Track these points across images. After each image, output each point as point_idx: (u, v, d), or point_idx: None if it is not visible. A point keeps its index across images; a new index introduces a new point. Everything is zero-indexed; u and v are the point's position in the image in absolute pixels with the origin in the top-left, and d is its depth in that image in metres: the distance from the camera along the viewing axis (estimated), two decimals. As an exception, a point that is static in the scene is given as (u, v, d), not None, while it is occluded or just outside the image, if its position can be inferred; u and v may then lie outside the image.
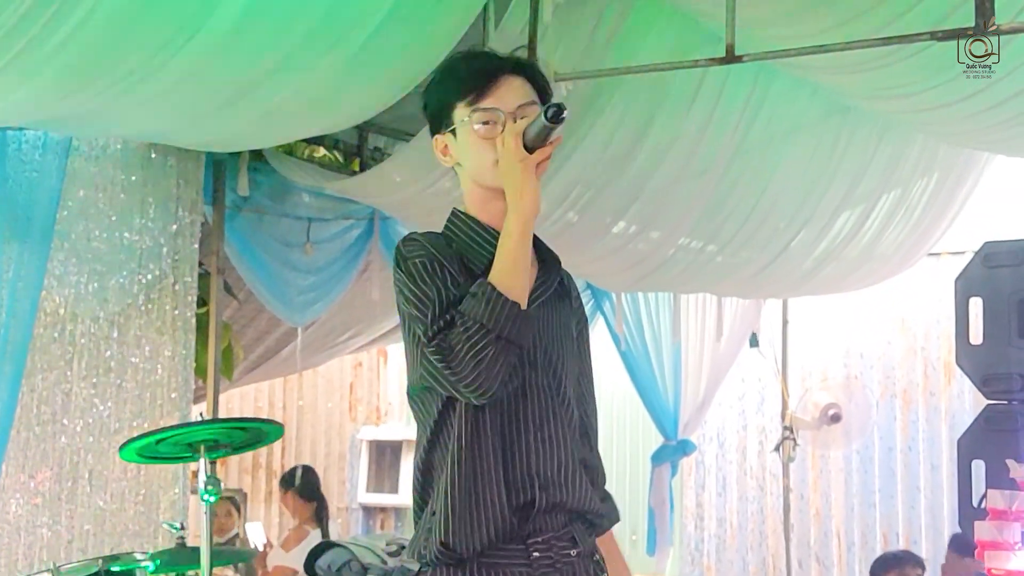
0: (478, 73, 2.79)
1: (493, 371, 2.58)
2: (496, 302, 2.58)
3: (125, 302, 5.85)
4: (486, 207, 2.79)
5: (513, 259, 2.64)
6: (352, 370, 11.69)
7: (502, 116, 2.75)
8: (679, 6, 5.55)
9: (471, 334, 2.56)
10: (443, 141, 2.83)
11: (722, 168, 6.67)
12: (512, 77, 2.80)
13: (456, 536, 2.65)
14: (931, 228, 8.14)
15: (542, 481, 2.71)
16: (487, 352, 2.56)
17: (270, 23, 4.30)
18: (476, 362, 2.56)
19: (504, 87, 2.77)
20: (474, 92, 2.76)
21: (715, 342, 9.09)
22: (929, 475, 9.80)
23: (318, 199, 7.17)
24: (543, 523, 2.72)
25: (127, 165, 5.84)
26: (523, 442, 2.71)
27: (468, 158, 2.78)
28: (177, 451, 4.43)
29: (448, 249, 2.75)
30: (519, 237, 2.65)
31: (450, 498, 2.66)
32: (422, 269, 2.68)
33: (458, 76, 2.81)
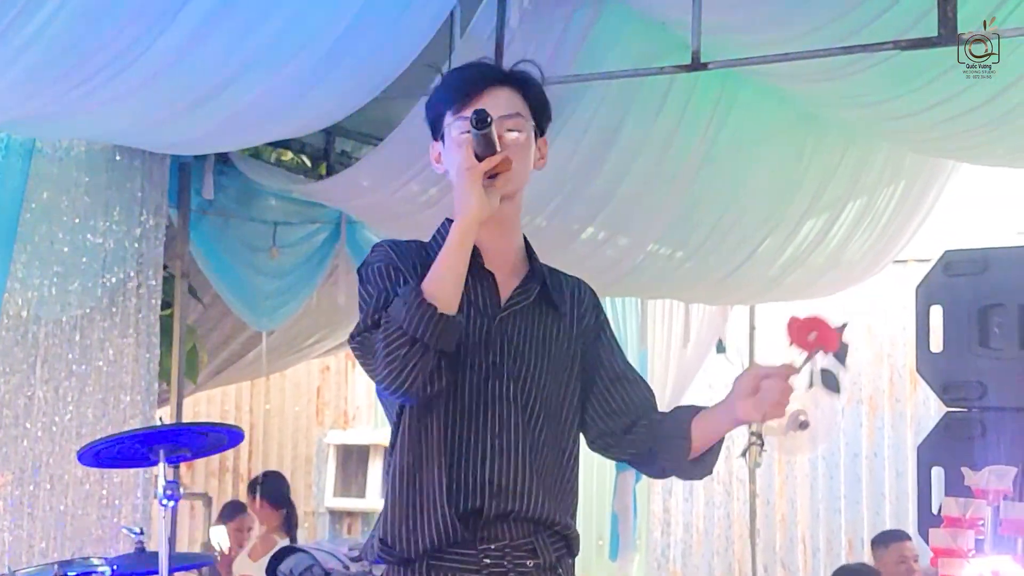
0: (466, 82, 2.79)
1: (405, 372, 2.57)
2: (415, 306, 2.57)
3: (88, 305, 5.82)
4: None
5: (445, 266, 2.63)
6: (320, 374, 11.65)
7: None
8: (647, 13, 5.57)
9: (388, 334, 2.58)
10: (437, 148, 2.84)
11: (690, 175, 6.68)
12: (500, 88, 2.78)
13: (394, 535, 2.68)
14: (897, 235, 8.18)
15: (493, 489, 2.70)
16: (399, 353, 2.56)
17: (236, 26, 4.29)
18: (388, 361, 2.57)
19: (488, 97, 2.75)
20: (460, 101, 2.76)
21: (682, 348, 9.10)
22: (894, 481, 9.83)
23: (284, 203, 7.15)
24: (499, 531, 2.71)
25: (91, 167, 5.81)
26: (478, 449, 2.70)
27: (451, 165, 2.77)
28: (137, 455, 4.41)
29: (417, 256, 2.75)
30: (455, 245, 2.63)
31: (393, 496, 2.69)
32: (375, 272, 2.73)
33: (449, 85, 2.82)
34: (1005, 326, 4.59)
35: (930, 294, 4.79)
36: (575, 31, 5.43)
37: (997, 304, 4.65)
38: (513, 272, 2.83)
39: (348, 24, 4.53)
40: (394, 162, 5.93)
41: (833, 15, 4.87)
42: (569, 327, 2.89)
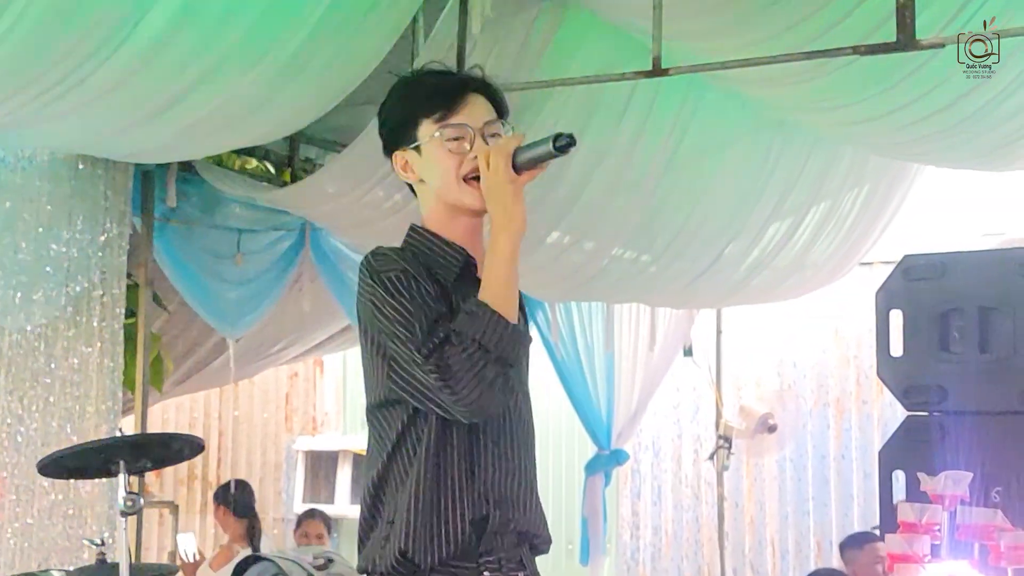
0: (446, 89, 2.80)
1: (492, 391, 2.59)
2: (496, 323, 2.59)
3: (52, 314, 5.79)
4: (449, 224, 2.80)
5: (506, 279, 2.65)
6: (288, 380, 11.63)
7: (471, 132, 2.76)
8: (609, 20, 5.58)
9: (471, 353, 2.56)
10: (404, 158, 2.82)
11: (655, 179, 6.70)
12: (476, 95, 2.81)
13: (415, 546, 2.65)
14: (862, 238, 8.22)
15: (497, 498, 2.72)
16: (487, 373, 2.57)
17: (198, 33, 4.28)
18: (477, 382, 2.57)
19: (471, 104, 2.79)
20: (442, 108, 2.76)
21: (648, 352, 9.12)
22: (862, 483, 9.86)
23: (248, 210, 7.13)
24: (496, 543, 2.73)
25: (54, 176, 5.78)
26: (483, 458, 2.72)
27: (435, 175, 2.78)
28: (97, 467, 4.40)
29: (416, 263, 2.73)
30: (510, 257, 2.66)
31: (413, 510, 2.66)
32: (399, 284, 2.66)
33: (424, 92, 2.81)
34: (964, 330, 4.63)
35: (890, 299, 4.82)
36: (537, 38, 5.45)
37: (956, 308, 4.69)
38: None
39: (310, 31, 4.53)
40: (358, 168, 5.93)
41: (793, 21, 4.89)
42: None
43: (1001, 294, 4.64)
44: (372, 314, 2.68)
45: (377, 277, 2.68)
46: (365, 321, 2.72)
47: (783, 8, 4.86)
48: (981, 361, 4.61)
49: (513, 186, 2.66)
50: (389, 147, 2.86)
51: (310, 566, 4.72)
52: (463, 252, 2.77)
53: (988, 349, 4.64)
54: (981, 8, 4.77)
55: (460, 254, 2.77)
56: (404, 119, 2.81)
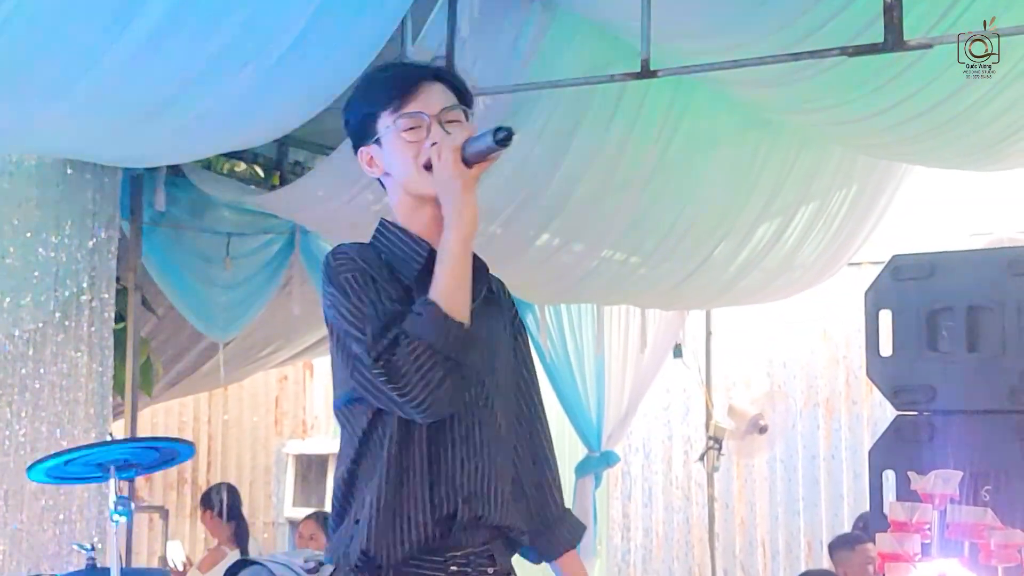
0: (400, 80, 2.78)
1: (441, 392, 2.57)
2: (443, 323, 2.57)
3: (41, 319, 5.79)
4: (415, 215, 2.77)
5: (455, 277, 2.62)
6: (277, 384, 11.62)
7: (427, 120, 2.73)
8: (597, 22, 5.59)
9: (418, 355, 2.54)
10: (368, 153, 2.80)
11: (644, 181, 6.71)
12: (433, 83, 2.79)
13: (377, 545, 2.63)
14: (850, 239, 8.23)
15: (465, 494, 2.70)
16: (435, 374, 2.55)
17: (185, 37, 4.27)
18: (425, 383, 2.55)
19: (426, 92, 2.77)
20: (397, 99, 2.75)
21: (639, 353, 9.12)
22: (852, 483, 9.88)
23: (238, 214, 7.13)
24: (464, 538, 2.71)
25: (42, 181, 5.78)
26: (448, 455, 2.70)
27: (396, 166, 2.76)
28: (87, 471, 4.39)
29: (378, 261, 2.72)
30: (460, 254, 2.63)
31: (375, 508, 2.64)
32: (355, 283, 2.65)
33: (380, 86, 2.80)
34: (953, 329, 4.64)
35: (879, 298, 4.83)
36: (526, 40, 5.45)
37: (945, 308, 4.70)
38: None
39: (298, 34, 4.52)
40: (347, 171, 5.92)
41: (781, 22, 4.90)
42: (508, 324, 2.92)
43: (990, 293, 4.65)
44: (333, 315, 2.67)
45: (336, 278, 2.67)
46: (328, 320, 2.72)
47: (771, 9, 4.86)
48: (970, 360, 4.62)
49: (463, 180, 2.64)
50: (356, 145, 2.85)
51: (301, 569, 4.71)
52: (426, 246, 2.74)
53: (977, 348, 4.65)
54: (969, 9, 4.79)
55: (423, 249, 2.74)
56: (364, 114, 2.80)
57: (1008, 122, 5.93)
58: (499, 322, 2.88)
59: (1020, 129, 6.03)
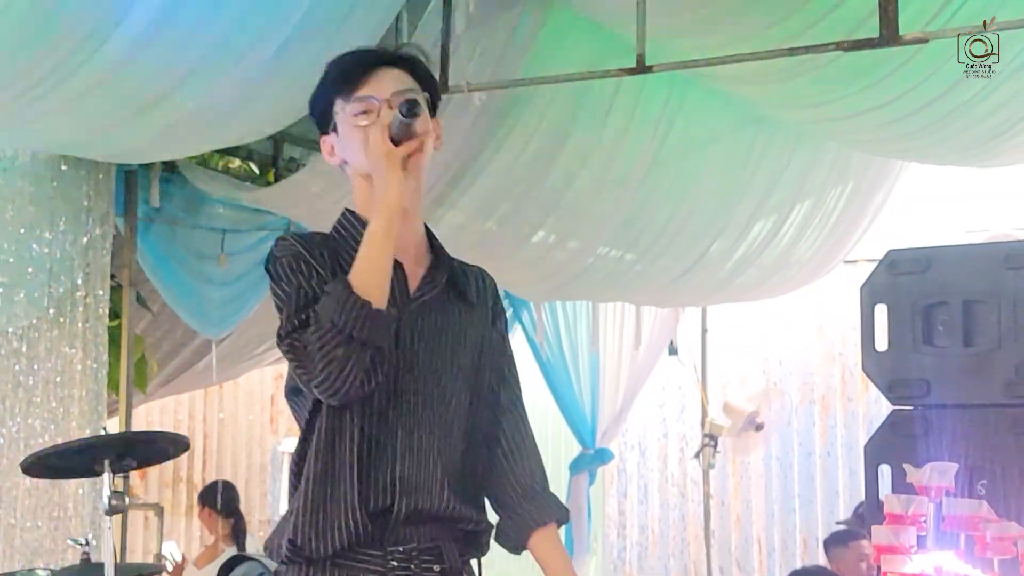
0: (354, 66, 2.71)
1: (344, 372, 2.50)
2: (347, 301, 2.50)
3: (35, 315, 5.78)
4: (370, 202, 2.67)
5: (371, 256, 2.56)
6: (273, 382, 11.58)
7: (377, 104, 2.65)
8: (593, 18, 5.59)
9: (322, 334, 2.49)
10: (329, 142, 2.74)
11: (639, 177, 6.71)
12: (388, 68, 2.71)
13: (304, 536, 2.58)
14: (846, 235, 8.23)
15: (404, 487, 2.62)
16: (336, 352, 2.49)
17: (179, 33, 4.27)
18: (326, 362, 2.49)
19: (379, 76, 2.69)
20: (351, 84, 2.68)
21: (634, 351, 9.13)
22: (848, 480, 9.89)
23: (232, 210, 7.12)
24: (407, 533, 2.64)
25: (36, 177, 5.77)
26: (390, 446, 2.63)
27: (349, 152, 2.70)
28: (82, 466, 4.38)
29: (323, 247, 2.66)
30: (381, 234, 2.57)
31: (304, 498, 2.60)
32: (286, 267, 2.61)
33: (336, 73, 2.72)
34: (949, 324, 4.62)
35: (874, 293, 4.81)
36: (521, 36, 5.45)
37: (941, 302, 4.68)
38: (418, 261, 2.75)
39: (292, 30, 4.52)
40: (342, 168, 5.91)
41: (776, 18, 4.90)
42: (481, 317, 2.84)
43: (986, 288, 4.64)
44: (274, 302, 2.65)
45: (272, 264, 2.64)
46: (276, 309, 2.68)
47: (766, 4, 4.87)
48: (966, 355, 4.60)
49: (388, 158, 2.58)
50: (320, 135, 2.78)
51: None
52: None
53: (973, 343, 4.64)
54: (964, 4, 4.79)
55: None
56: (323, 104, 2.74)
57: (1004, 118, 5.93)
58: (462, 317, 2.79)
59: (1016, 125, 6.03)
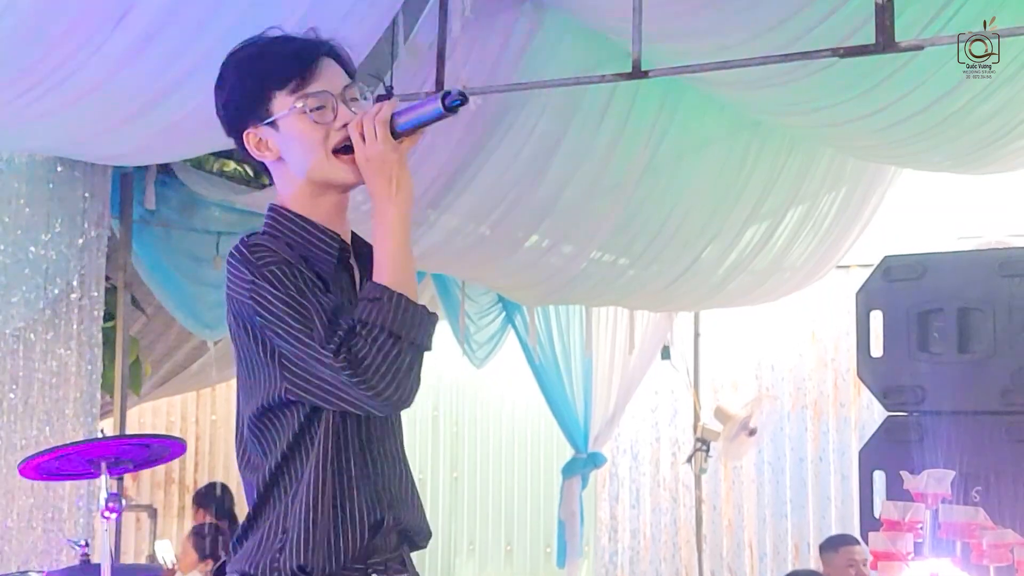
0: (295, 57, 2.55)
1: (409, 379, 2.40)
2: (402, 305, 2.40)
3: (30, 317, 5.77)
4: (317, 203, 2.56)
5: (402, 254, 2.46)
6: (266, 384, 11.58)
7: (333, 100, 2.52)
8: (588, 22, 5.59)
9: (381, 342, 2.36)
10: (257, 135, 2.57)
11: (633, 182, 6.72)
12: (328, 59, 2.58)
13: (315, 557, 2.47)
14: (839, 241, 8.25)
15: (389, 499, 2.58)
16: (402, 361, 2.38)
17: (176, 36, 4.27)
18: (394, 372, 2.37)
19: (326, 69, 2.56)
20: (297, 77, 2.53)
21: (627, 355, 9.13)
22: (840, 485, 9.89)
23: (227, 213, 7.11)
24: (382, 544, 2.58)
25: (32, 178, 5.75)
26: (375, 461, 2.57)
27: (297, 150, 2.55)
28: (78, 468, 4.38)
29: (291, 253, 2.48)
30: (402, 229, 2.47)
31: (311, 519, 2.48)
32: (284, 277, 2.42)
33: (273, 62, 2.56)
34: (944, 330, 4.65)
35: (870, 299, 4.84)
36: (517, 40, 5.45)
37: (936, 309, 4.71)
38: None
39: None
40: (337, 171, 5.91)
41: (773, 23, 4.91)
42: None
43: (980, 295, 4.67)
44: (256, 312, 2.42)
45: (257, 271, 2.42)
46: (244, 320, 2.48)
47: (762, 10, 4.87)
48: (960, 361, 4.64)
49: (397, 153, 2.46)
50: (236, 126, 2.59)
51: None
52: (337, 238, 2.55)
53: (967, 349, 4.67)
54: (960, 11, 4.81)
55: (335, 241, 2.55)
56: (253, 93, 2.56)
57: (998, 125, 5.96)
58: None
59: (1010, 132, 6.06)
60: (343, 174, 2.54)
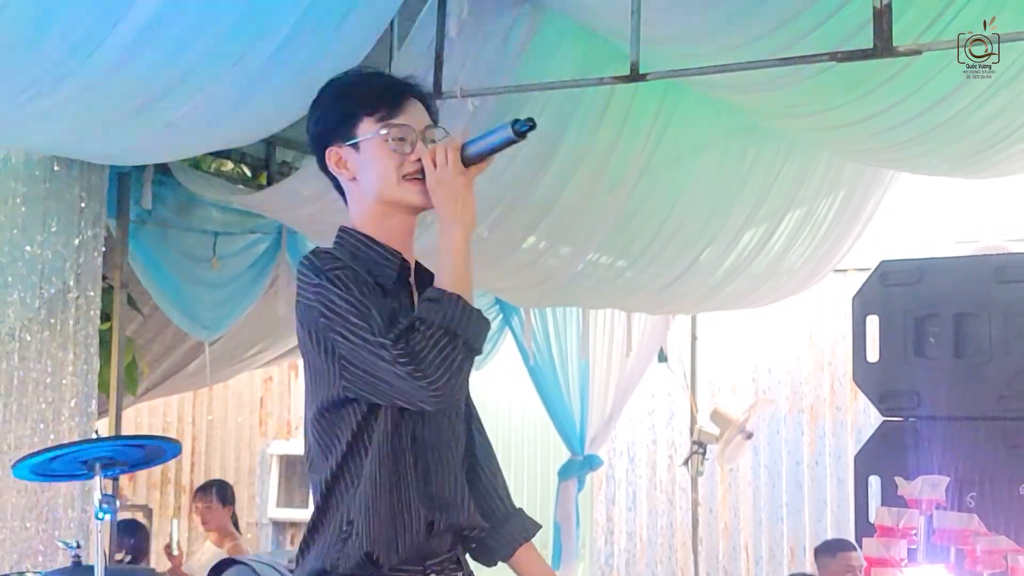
0: (387, 91, 2.82)
1: (459, 377, 2.59)
2: (461, 308, 2.60)
3: (26, 316, 5.76)
4: (384, 223, 2.79)
5: (463, 269, 2.67)
6: (262, 384, 11.59)
7: (414, 134, 2.78)
8: (586, 24, 5.59)
9: (437, 339, 2.56)
10: (339, 154, 2.81)
11: (631, 184, 6.71)
12: (415, 100, 2.84)
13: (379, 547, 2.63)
14: (837, 245, 8.24)
15: (440, 502, 2.72)
16: (456, 357, 2.57)
17: (174, 36, 4.26)
18: (447, 367, 2.56)
19: (412, 107, 2.82)
20: (384, 108, 2.78)
21: (623, 357, 9.12)
22: (836, 489, 9.89)
23: (224, 213, 7.11)
24: (439, 545, 2.74)
25: (29, 177, 5.74)
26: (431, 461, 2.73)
27: (372, 172, 2.78)
28: (72, 469, 4.38)
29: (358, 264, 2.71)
30: (465, 249, 2.68)
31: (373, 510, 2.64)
32: (348, 280, 2.64)
33: (366, 91, 2.82)
34: (940, 336, 4.65)
35: (866, 304, 4.84)
36: (515, 42, 5.44)
37: (932, 314, 4.71)
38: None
39: (287, 34, 4.52)
40: (335, 172, 5.90)
41: (771, 27, 4.90)
42: None
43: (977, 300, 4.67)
44: (320, 314, 2.63)
45: (324, 276, 2.65)
46: (309, 324, 2.68)
47: (760, 14, 4.87)
48: (956, 366, 4.64)
49: (465, 178, 2.70)
50: (322, 142, 2.84)
51: (285, 569, 4.71)
52: (399, 256, 2.78)
53: (963, 354, 4.67)
54: (958, 15, 4.80)
55: (396, 258, 2.77)
56: (344, 115, 2.81)
57: (996, 129, 5.95)
58: None
59: (1008, 137, 6.05)
60: (411, 196, 2.77)
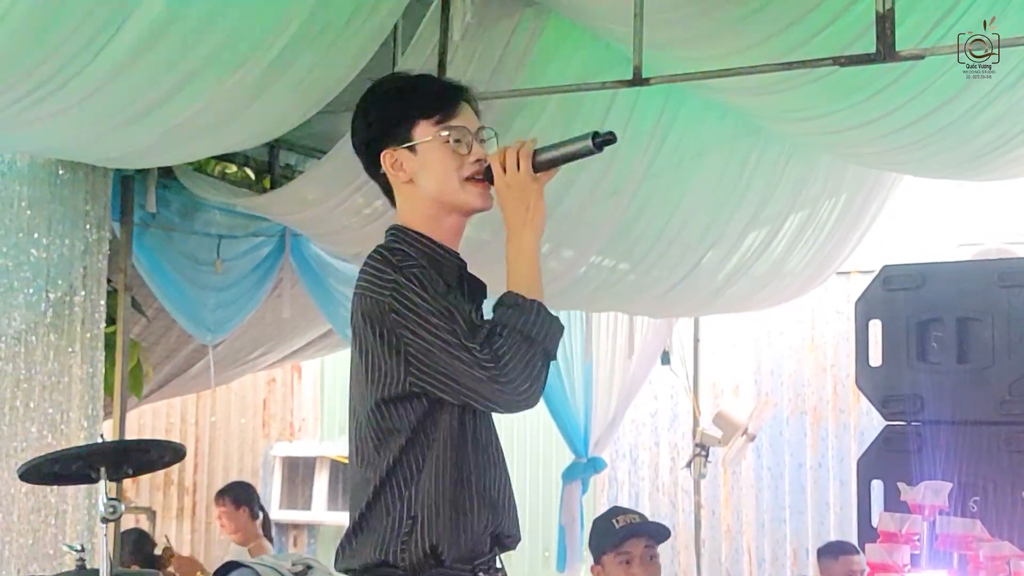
0: (444, 94, 2.89)
1: (539, 382, 2.65)
2: (542, 314, 2.68)
3: (32, 319, 5.77)
4: (440, 224, 2.85)
5: (537, 273, 2.77)
6: (266, 386, 11.61)
7: (470, 136, 2.83)
8: (589, 28, 5.60)
9: (518, 344, 2.62)
10: (395, 156, 2.84)
11: (633, 188, 6.71)
12: (467, 104, 2.90)
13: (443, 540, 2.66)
14: (839, 247, 8.24)
15: (491, 501, 2.76)
16: (536, 363, 2.63)
17: (179, 38, 4.27)
18: (528, 371, 2.61)
19: (466, 111, 2.88)
20: (442, 111, 2.83)
21: (626, 360, 9.13)
22: (838, 491, 9.90)
23: (228, 216, 7.12)
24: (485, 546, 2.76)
25: (34, 181, 5.76)
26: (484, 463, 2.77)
27: (431, 175, 2.82)
28: (78, 472, 4.39)
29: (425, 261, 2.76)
30: (536, 253, 2.80)
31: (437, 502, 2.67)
32: (425, 279, 2.67)
33: (422, 94, 2.89)
34: (943, 340, 4.66)
35: (869, 308, 4.84)
36: (518, 46, 5.45)
37: (935, 318, 4.71)
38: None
39: (290, 37, 4.53)
40: (338, 175, 5.92)
41: (773, 31, 4.92)
42: None
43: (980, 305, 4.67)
44: (392, 308, 2.65)
45: (400, 271, 2.68)
46: (375, 318, 2.69)
47: (763, 18, 4.88)
48: (959, 371, 4.64)
49: (537, 184, 2.80)
50: (375, 146, 2.87)
51: (288, 572, 4.71)
52: (458, 256, 2.84)
53: (966, 359, 4.67)
54: (960, 20, 4.81)
55: (456, 259, 2.84)
56: (400, 118, 2.85)
57: (998, 132, 5.95)
58: None
59: (1011, 140, 6.05)
60: (472, 199, 2.86)
